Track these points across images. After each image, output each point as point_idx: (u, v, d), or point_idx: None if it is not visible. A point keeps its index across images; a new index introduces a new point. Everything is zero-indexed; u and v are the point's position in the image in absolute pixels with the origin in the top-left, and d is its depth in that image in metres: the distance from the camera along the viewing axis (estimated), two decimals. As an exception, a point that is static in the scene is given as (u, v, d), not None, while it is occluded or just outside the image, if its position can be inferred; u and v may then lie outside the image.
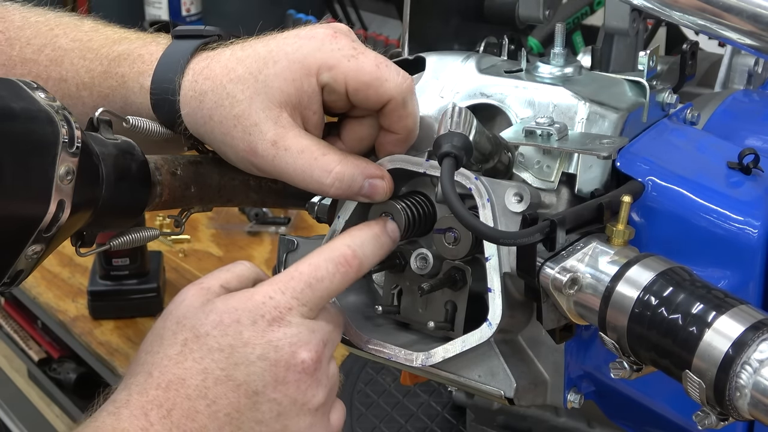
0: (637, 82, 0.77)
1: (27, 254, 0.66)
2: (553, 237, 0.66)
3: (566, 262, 0.67)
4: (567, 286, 0.66)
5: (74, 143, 0.66)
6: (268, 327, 0.66)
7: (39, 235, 0.66)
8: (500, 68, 0.78)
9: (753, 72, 0.98)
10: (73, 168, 0.66)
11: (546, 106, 0.73)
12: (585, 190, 0.72)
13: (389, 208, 0.74)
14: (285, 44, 0.73)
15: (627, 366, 0.65)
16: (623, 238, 0.67)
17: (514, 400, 0.72)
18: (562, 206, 0.72)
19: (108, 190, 0.71)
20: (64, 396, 1.50)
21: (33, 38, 0.80)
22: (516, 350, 0.74)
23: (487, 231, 0.65)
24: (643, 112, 0.76)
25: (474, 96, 0.76)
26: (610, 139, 0.68)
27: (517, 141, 0.70)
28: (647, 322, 0.62)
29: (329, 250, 0.70)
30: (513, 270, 0.69)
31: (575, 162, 0.71)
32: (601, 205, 0.69)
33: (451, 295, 0.74)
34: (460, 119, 0.68)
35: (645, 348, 0.62)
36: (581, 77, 0.77)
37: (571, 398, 0.75)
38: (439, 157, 0.66)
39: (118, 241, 0.77)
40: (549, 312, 0.69)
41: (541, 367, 0.75)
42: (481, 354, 0.72)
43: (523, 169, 0.73)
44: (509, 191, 0.69)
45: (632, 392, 0.75)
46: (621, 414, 0.81)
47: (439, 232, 0.72)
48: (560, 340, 0.71)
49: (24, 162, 0.63)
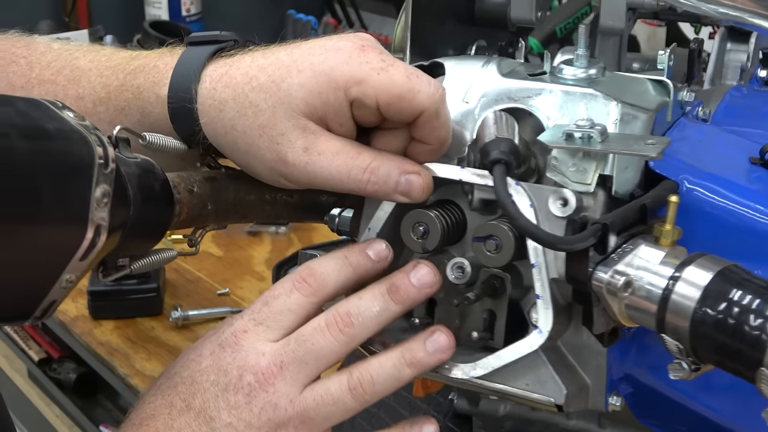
0: (660, 81, 0.77)
1: (62, 283, 0.63)
2: (605, 240, 0.65)
3: (618, 265, 0.66)
4: (622, 290, 0.65)
5: (109, 164, 0.62)
6: (224, 351, 0.67)
7: (74, 263, 0.62)
8: (523, 71, 0.77)
9: (745, 67, 0.99)
10: (109, 190, 0.62)
11: (577, 109, 0.72)
12: (621, 192, 0.71)
13: (423, 217, 0.72)
14: (310, 54, 0.70)
15: (686, 366, 0.65)
16: (672, 238, 0.67)
17: (564, 407, 0.71)
18: (599, 209, 0.71)
19: (135, 211, 0.68)
20: (64, 396, 1.48)
21: (53, 61, 0.77)
22: (559, 357, 0.73)
23: (547, 237, 0.64)
24: (667, 111, 0.76)
25: (500, 100, 0.75)
26: (654, 140, 0.68)
27: (557, 144, 0.69)
28: (712, 322, 0.61)
29: (295, 271, 0.70)
30: (560, 276, 0.68)
31: (611, 163, 0.71)
32: (645, 206, 0.68)
33: (489, 304, 0.73)
34: (504, 124, 0.67)
35: (710, 349, 0.62)
36: (606, 78, 0.77)
37: (612, 401, 0.74)
38: (489, 165, 0.65)
39: (139, 264, 0.74)
40: (599, 316, 0.68)
41: (582, 372, 0.74)
42: (529, 362, 0.70)
43: (557, 172, 0.72)
44: (553, 196, 0.68)
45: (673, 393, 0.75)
46: (653, 414, 0.80)
47: (479, 240, 0.71)
48: (608, 344, 0.70)
49: (62, 186, 0.59)
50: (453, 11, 0.98)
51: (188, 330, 1.39)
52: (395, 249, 0.78)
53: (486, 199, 0.73)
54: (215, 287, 1.50)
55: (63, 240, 0.61)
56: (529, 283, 0.73)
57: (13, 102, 0.59)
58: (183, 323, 1.39)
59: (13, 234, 0.57)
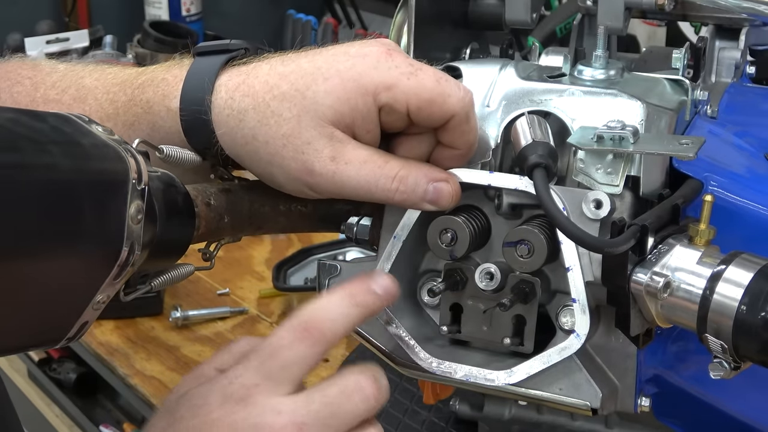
0: (677, 80, 0.77)
1: (94, 305, 0.61)
2: (644, 242, 0.65)
3: (656, 266, 0.66)
4: (661, 291, 0.65)
5: (142, 179, 0.60)
6: (236, 406, 0.63)
7: (108, 283, 0.60)
8: (541, 73, 0.77)
9: (739, 64, 1.00)
10: (142, 206, 0.60)
11: (602, 110, 0.72)
12: (648, 192, 0.71)
13: (451, 223, 0.71)
14: (336, 61, 0.69)
15: (726, 366, 0.65)
16: (707, 238, 0.67)
17: (599, 411, 0.70)
18: (626, 210, 0.71)
19: (161, 227, 0.66)
20: (64, 396, 1.47)
21: (58, 81, 0.75)
22: (590, 360, 0.72)
23: (592, 240, 0.63)
24: (686, 110, 0.76)
25: (522, 103, 0.74)
26: (689, 140, 0.68)
27: (587, 146, 0.69)
28: (759, 322, 0.61)
29: (293, 318, 0.65)
30: (596, 279, 0.68)
31: (637, 164, 0.70)
32: (677, 206, 0.68)
33: (520, 309, 0.72)
34: (539, 128, 0.66)
35: (756, 349, 0.62)
36: (625, 79, 0.77)
37: (642, 402, 0.74)
38: (528, 169, 0.64)
39: (159, 280, 0.72)
40: (636, 318, 0.68)
41: (611, 375, 0.73)
42: (563, 367, 0.70)
43: (584, 174, 0.71)
44: (587, 198, 0.68)
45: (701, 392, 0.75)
46: (675, 413, 0.81)
47: (510, 246, 0.70)
48: (643, 345, 0.70)
49: (100, 204, 0.57)
50: (449, 14, 0.97)
51: (188, 330, 1.39)
52: (416, 256, 0.77)
53: (515, 204, 0.72)
54: (215, 287, 1.49)
55: (99, 259, 0.58)
56: (556, 287, 0.73)
57: (44, 118, 0.57)
58: (183, 323, 1.39)
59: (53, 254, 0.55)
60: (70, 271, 0.57)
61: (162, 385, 1.26)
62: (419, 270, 0.77)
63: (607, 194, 0.68)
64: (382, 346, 0.76)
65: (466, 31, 0.99)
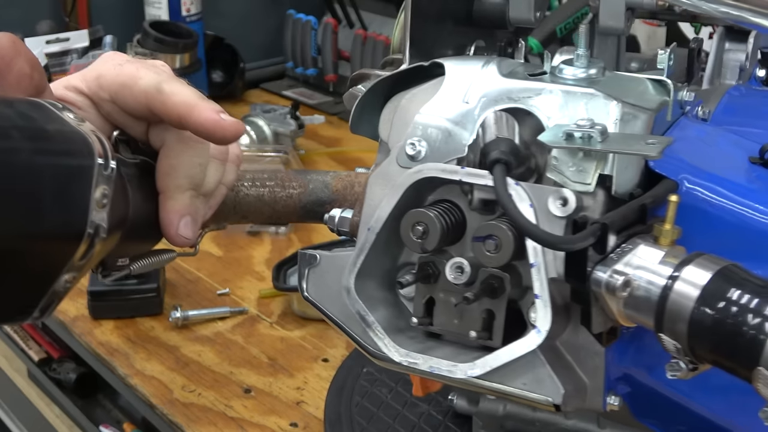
0: (659, 80, 0.77)
1: (60, 284, 0.63)
2: (604, 240, 0.65)
3: (617, 264, 0.66)
4: (620, 289, 0.65)
5: (108, 165, 0.62)
6: None
7: (74, 263, 0.62)
8: (523, 71, 0.77)
9: (744, 67, 0.99)
10: (108, 191, 0.62)
11: (578, 108, 0.72)
12: (621, 191, 0.71)
13: (422, 217, 0.72)
14: None
15: (684, 366, 0.65)
16: (671, 238, 0.67)
17: (561, 407, 0.71)
18: (599, 208, 0.71)
19: (134, 211, 0.68)
20: (64, 396, 1.48)
21: None
22: (557, 356, 0.73)
23: (547, 237, 0.64)
24: (667, 110, 0.76)
25: (500, 100, 0.75)
26: (655, 139, 0.68)
27: (557, 144, 0.69)
28: (711, 322, 0.61)
29: None
30: (559, 275, 0.68)
31: (611, 163, 0.71)
32: (644, 205, 0.69)
33: (488, 304, 0.73)
34: (504, 124, 0.67)
35: (707, 348, 0.62)
36: (606, 78, 0.77)
37: (611, 401, 0.74)
38: (489, 164, 0.65)
39: (138, 264, 0.74)
40: (598, 316, 0.68)
41: (580, 372, 0.74)
42: (526, 362, 0.70)
43: (557, 172, 0.72)
44: (553, 196, 0.68)
45: (671, 392, 0.75)
46: (652, 414, 0.80)
47: (479, 240, 0.71)
48: (607, 343, 0.70)
49: (62, 188, 0.59)
50: (451, 12, 0.98)
51: (188, 330, 1.40)
52: (395, 249, 0.78)
53: (485, 199, 0.73)
54: (215, 287, 1.50)
55: (62, 242, 0.61)
56: (528, 283, 0.73)
57: (12, 103, 0.59)
58: (183, 323, 1.40)
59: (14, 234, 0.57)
60: (34, 249, 0.59)
61: (162, 385, 1.27)
62: (398, 262, 0.79)
63: (574, 192, 0.68)
64: (358, 336, 0.77)
65: (472, 29, 1.00)
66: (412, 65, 0.82)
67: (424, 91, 0.79)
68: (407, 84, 0.83)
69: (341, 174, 0.84)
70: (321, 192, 0.82)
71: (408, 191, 0.74)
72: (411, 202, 0.74)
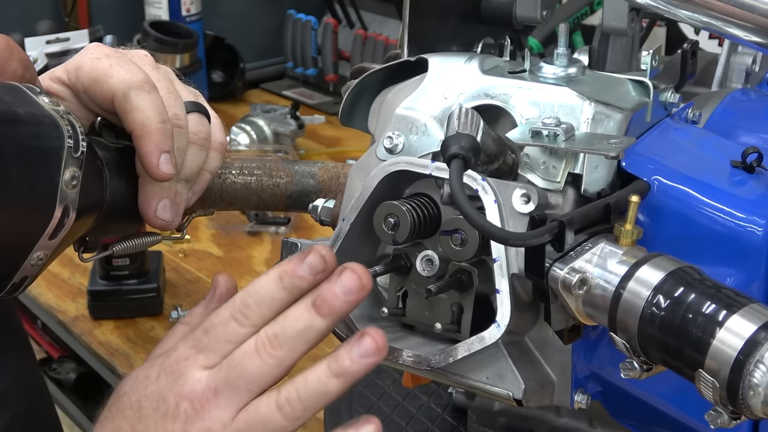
0: (640, 81, 0.77)
1: (32, 261, 0.66)
2: (561, 238, 0.66)
3: (575, 262, 0.66)
4: (576, 287, 0.65)
5: (79, 148, 0.65)
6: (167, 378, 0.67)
7: (44, 241, 0.65)
8: (503, 69, 0.78)
9: (750, 71, 0.99)
10: (78, 173, 0.65)
11: (551, 107, 0.73)
12: (591, 191, 0.72)
13: (394, 209, 0.74)
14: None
15: (637, 366, 0.65)
16: (631, 238, 0.67)
17: (523, 402, 0.71)
18: (568, 207, 0.72)
19: (112, 194, 0.71)
20: (64, 396, 1.50)
21: None
22: (523, 351, 0.73)
23: (497, 232, 0.65)
24: (647, 111, 0.76)
25: (478, 97, 0.76)
26: (618, 139, 0.68)
27: (524, 141, 0.70)
28: (658, 322, 0.62)
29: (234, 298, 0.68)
30: (521, 271, 0.69)
31: (581, 162, 0.71)
32: (608, 205, 0.69)
33: (457, 297, 0.74)
34: (467, 120, 0.68)
35: (656, 348, 0.62)
36: (585, 77, 0.77)
37: (578, 399, 0.75)
38: (447, 159, 0.66)
39: (121, 246, 0.77)
40: (557, 313, 0.69)
41: (548, 368, 0.74)
42: (489, 356, 0.71)
43: (528, 169, 0.72)
44: (516, 192, 0.69)
45: (639, 392, 0.75)
46: (627, 414, 0.81)
47: (446, 234, 0.72)
48: (568, 341, 0.71)
49: (29, 168, 0.62)
50: (457, 9, 0.99)
51: (188, 330, 1.41)
52: (374, 240, 0.79)
53: (455, 194, 0.74)
54: None
55: (31, 220, 0.63)
56: (498, 278, 0.74)
57: None
58: (183, 323, 1.42)
59: None
60: (3, 228, 0.62)
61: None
62: (377, 254, 0.80)
63: (537, 189, 0.69)
64: (335, 325, 0.79)
65: (481, 26, 1.01)
66: (398, 60, 0.84)
67: (408, 85, 0.81)
68: (403, 79, 0.84)
69: (328, 165, 0.86)
70: (307, 182, 0.84)
71: (382, 183, 0.75)
72: (387, 194, 0.75)
